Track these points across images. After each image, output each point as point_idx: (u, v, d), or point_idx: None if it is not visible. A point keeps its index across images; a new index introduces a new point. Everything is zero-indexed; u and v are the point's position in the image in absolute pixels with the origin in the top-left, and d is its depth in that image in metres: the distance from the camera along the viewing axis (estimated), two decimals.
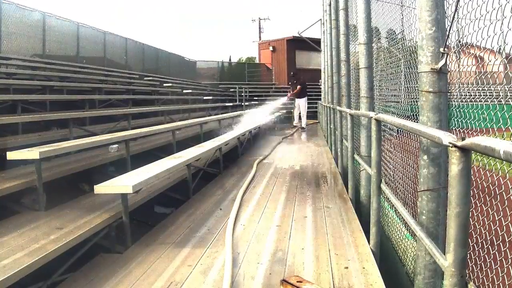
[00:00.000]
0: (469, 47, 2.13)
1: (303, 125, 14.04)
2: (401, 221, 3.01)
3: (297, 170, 6.36)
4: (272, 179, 5.59)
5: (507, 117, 1.61)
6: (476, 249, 1.83)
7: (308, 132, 13.74)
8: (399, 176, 3.11)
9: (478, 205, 1.85)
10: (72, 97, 6.87)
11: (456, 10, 1.90)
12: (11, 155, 3.39)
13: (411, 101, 2.95)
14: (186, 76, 19.69)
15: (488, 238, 1.78)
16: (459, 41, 2.13)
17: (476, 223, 1.84)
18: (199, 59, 23.25)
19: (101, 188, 3.11)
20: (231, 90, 20.02)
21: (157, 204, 4.50)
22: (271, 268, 2.63)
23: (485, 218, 1.79)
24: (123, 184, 3.13)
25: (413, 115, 2.69)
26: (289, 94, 14.58)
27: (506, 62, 1.74)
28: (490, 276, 1.71)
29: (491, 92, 2.00)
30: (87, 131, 5.49)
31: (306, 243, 3.10)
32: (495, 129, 1.74)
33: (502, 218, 1.66)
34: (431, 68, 2.03)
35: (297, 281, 2.19)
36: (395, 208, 2.88)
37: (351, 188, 4.57)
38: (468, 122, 2.00)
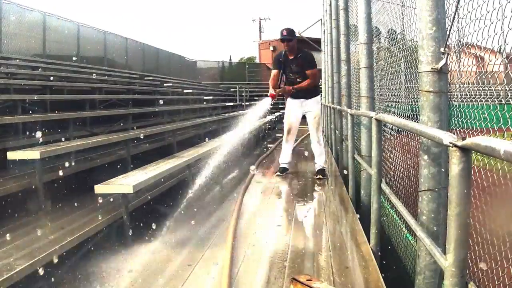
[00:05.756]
0: (470, 47, 2.13)
1: (322, 164, 5.49)
2: (401, 221, 3.01)
3: (298, 169, 6.36)
4: (273, 179, 5.59)
5: (508, 117, 1.61)
6: (477, 249, 1.83)
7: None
8: (399, 176, 3.11)
9: (479, 204, 1.84)
10: (73, 97, 6.87)
11: (456, 10, 1.90)
12: (11, 155, 3.40)
13: (411, 101, 2.95)
14: (186, 76, 19.69)
15: (489, 238, 1.78)
16: (460, 41, 2.13)
17: (476, 223, 1.84)
18: (200, 59, 23.31)
19: (101, 188, 3.12)
20: (231, 90, 20.02)
21: (158, 204, 4.50)
22: (271, 268, 2.63)
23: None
24: (123, 184, 3.14)
25: (413, 115, 2.69)
26: (274, 90, 5.81)
27: (506, 62, 1.74)
28: (490, 276, 1.71)
29: (492, 92, 2.00)
30: (88, 131, 5.49)
31: (306, 243, 3.10)
32: (496, 129, 1.74)
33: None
34: (432, 68, 2.03)
35: (307, 280, 2.19)
36: (395, 208, 2.88)
37: (352, 188, 4.57)
38: (469, 122, 1.99)
